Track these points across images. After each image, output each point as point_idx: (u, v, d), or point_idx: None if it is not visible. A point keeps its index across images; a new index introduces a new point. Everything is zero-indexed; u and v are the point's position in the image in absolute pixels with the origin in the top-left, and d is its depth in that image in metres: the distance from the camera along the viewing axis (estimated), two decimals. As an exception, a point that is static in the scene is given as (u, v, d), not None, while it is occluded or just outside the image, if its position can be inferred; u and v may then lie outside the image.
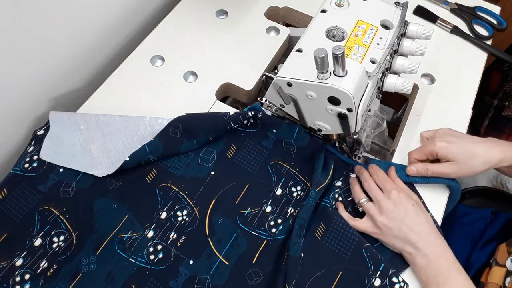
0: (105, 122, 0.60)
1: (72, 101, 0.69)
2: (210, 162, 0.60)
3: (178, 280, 0.53)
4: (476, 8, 0.81)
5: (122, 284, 0.52)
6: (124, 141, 0.59)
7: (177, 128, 0.59)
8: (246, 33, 0.73)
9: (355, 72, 0.48)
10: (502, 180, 1.31)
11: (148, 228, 0.55)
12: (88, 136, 0.60)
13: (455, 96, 0.71)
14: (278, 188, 0.60)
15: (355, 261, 0.54)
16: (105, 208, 0.56)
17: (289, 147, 0.62)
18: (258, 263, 0.54)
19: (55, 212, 0.55)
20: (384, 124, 0.66)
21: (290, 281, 0.51)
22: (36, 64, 0.60)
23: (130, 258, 0.53)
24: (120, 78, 0.67)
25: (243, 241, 0.56)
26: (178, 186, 0.58)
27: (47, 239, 0.53)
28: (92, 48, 0.69)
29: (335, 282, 0.53)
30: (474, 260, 0.69)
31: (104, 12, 0.67)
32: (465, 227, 0.76)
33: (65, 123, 0.60)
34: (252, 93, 0.68)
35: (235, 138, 0.62)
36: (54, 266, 0.52)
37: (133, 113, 0.62)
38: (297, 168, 0.62)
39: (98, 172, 0.57)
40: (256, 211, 0.58)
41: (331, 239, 0.56)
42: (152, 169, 0.59)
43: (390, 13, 0.56)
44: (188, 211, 0.57)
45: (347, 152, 0.64)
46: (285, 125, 0.62)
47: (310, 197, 0.57)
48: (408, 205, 0.54)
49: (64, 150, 0.59)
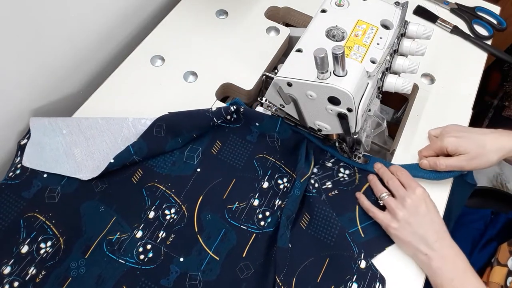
0: (87, 125, 0.60)
1: (72, 102, 0.69)
2: (196, 159, 0.60)
3: (169, 278, 0.53)
4: (476, 8, 0.81)
5: (113, 286, 0.52)
6: (108, 143, 0.59)
7: (160, 127, 0.59)
8: (246, 33, 0.73)
9: (355, 72, 0.48)
10: (502, 180, 1.31)
11: (137, 228, 0.55)
12: (71, 140, 0.59)
13: (455, 96, 0.71)
14: (265, 181, 0.60)
15: (341, 246, 0.55)
16: (92, 211, 0.56)
17: (273, 140, 0.62)
18: (249, 256, 0.55)
19: (40, 218, 0.54)
20: (384, 124, 0.66)
21: (279, 272, 0.52)
22: (36, 64, 0.60)
23: (119, 259, 0.53)
24: (120, 78, 0.67)
25: (233, 235, 0.56)
26: (165, 185, 0.58)
27: (34, 245, 0.53)
28: (92, 48, 0.69)
29: (323, 269, 0.54)
30: (475, 260, 0.69)
31: (104, 12, 0.67)
32: (465, 228, 0.76)
33: (47, 128, 0.60)
34: (252, 93, 0.68)
35: (219, 134, 0.62)
36: (42, 272, 0.52)
37: (134, 113, 0.62)
38: (282, 160, 0.62)
39: (83, 175, 0.57)
40: (244, 205, 0.58)
41: (315, 228, 0.56)
42: (137, 170, 0.59)
43: (390, 13, 0.56)
44: (176, 209, 0.57)
45: (347, 152, 0.64)
46: (267, 118, 0.62)
47: (296, 187, 0.57)
48: (430, 205, 0.55)
49: (47, 156, 0.58)
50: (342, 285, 0.53)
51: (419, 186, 0.56)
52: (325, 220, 0.56)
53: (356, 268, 0.53)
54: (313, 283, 0.53)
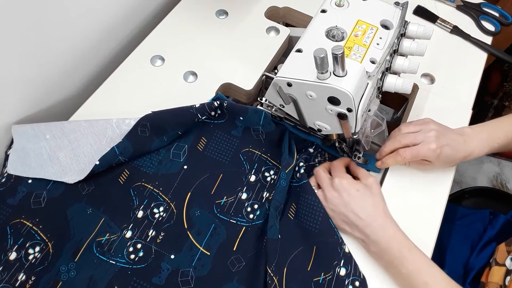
0: (70, 129, 0.59)
1: (71, 102, 0.69)
2: (182, 157, 0.60)
3: (161, 276, 0.53)
4: (482, 4, 0.81)
5: (105, 287, 0.51)
6: (93, 145, 0.58)
7: (145, 126, 0.59)
8: (246, 33, 0.73)
9: (355, 72, 0.48)
10: (502, 180, 1.31)
11: (126, 229, 0.55)
12: (55, 145, 0.58)
13: (455, 96, 0.71)
14: (252, 175, 0.61)
15: (325, 232, 0.55)
16: (80, 214, 0.55)
17: (258, 133, 0.63)
18: (239, 250, 0.55)
19: (27, 224, 0.54)
20: (384, 124, 0.66)
21: (270, 263, 0.52)
22: (35, 64, 0.60)
23: (110, 260, 0.53)
24: (120, 78, 0.67)
25: (222, 230, 0.56)
26: (152, 184, 0.58)
27: (22, 251, 0.52)
28: (92, 48, 0.69)
29: (312, 258, 0.55)
30: (474, 261, 0.69)
31: (104, 12, 0.67)
32: (464, 229, 0.76)
33: (30, 134, 0.59)
34: (252, 93, 0.68)
35: (204, 130, 0.62)
36: (32, 277, 0.51)
37: (134, 113, 0.62)
38: (268, 153, 0.63)
39: (68, 179, 0.56)
40: (232, 199, 0.59)
41: (301, 216, 0.57)
42: (124, 170, 0.59)
43: (390, 13, 0.56)
44: (164, 207, 0.57)
45: (347, 152, 0.64)
46: (251, 111, 0.62)
47: (281, 178, 0.58)
48: (351, 190, 0.55)
49: (31, 162, 0.57)
50: (331, 271, 0.53)
51: (337, 176, 0.57)
52: (309, 208, 0.57)
53: (342, 253, 0.54)
54: (304, 272, 0.54)
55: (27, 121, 0.63)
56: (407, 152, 0.57)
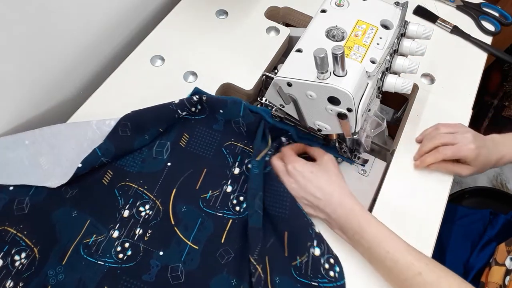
0: (50, 133, 0.59)
1: (71, 102, 0.69)
2: (165, 154, 0.61)
3: (151, 273, 0.53)
4: (482, 4, 0.81)
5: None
6: (74, 148, 0.58)
7: (125, 126, 0.59)
8: (246, 33, 0.73)
9: (355, 72, 0.48)
10: (502, 180, 1.31)
11: (113, 229, 0.55)
12: (35, 150, 0.58)
13: (455, 96, 0.71)
14: (236, 167, 0.61)
15: (294, 216, 0.55)
16: (65, 217, 0.55)
17: (239, 125, 0.63)
18: (227, 242, 0.56)
19: (11, 230, 0.53)
20: (384, 124, 0.66)
21: (252, 251, 0.52)
22: (35, 64, 0.60)
23: (98, 261, 0.53)
24: (120, 78, 0.67)
25: (209, 223, 0.57)
26: (137, 183, 0.58)
27: (8, 259, 0.52)
28: (91, 48, 0.69)
29: (286, 243, 0.55)
30: (474, 261, 0.69)
31: (104, 12, 0.67)
32: (464, 229, 0.76)
33: (8, 142, 0.58)
34: (252, 93, 0.68)
35: (186, 126, 0.63)
36: (20, 284, 0.51)
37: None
38: (250, 145, 0.63)
39: (51, 183, 0.56)
40: (218, 192, 0.59)
41: (271, 204, 0.57)
42: (107, 171, 0.59)
43: (390, 13, 0.56)
44: (150, 205, 0.57)
45: (347, 152, 0.64)
46: (230, 103, 0.62)
47: (253, 166, 0.58)
48: (305, 173, 0.56)
49: (12, 169, 0.57)
50: (305, 252, 0.54)
51: (288, 162, 0.58)
52: (276, 194, 0.57)
53: (313, 233, 0.54)
54: (282, 258, 0.54)
55: (26, 122, 0.63)
56: (448, 150, 0.58)
